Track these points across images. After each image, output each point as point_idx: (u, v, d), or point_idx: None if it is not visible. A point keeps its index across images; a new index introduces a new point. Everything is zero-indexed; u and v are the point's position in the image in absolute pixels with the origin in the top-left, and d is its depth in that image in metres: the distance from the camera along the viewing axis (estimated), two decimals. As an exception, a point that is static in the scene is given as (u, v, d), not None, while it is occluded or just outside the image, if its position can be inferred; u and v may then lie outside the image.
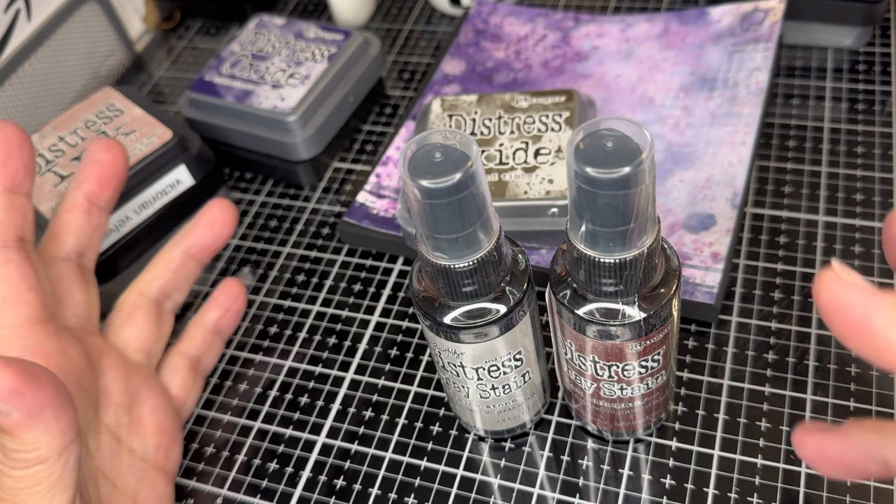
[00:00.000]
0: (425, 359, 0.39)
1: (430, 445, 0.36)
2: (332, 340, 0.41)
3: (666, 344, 0.29)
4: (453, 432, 0.36)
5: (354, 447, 0.36)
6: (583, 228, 0.25)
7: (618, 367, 0.29)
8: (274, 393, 0.39)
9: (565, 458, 0.34)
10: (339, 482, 0.35)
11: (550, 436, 0.35)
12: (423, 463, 0.35)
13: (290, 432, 0.37)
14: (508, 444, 0.35)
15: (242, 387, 0.39)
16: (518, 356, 0.30)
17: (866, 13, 0.46)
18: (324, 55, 0.48)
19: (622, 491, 0.33)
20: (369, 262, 0.44)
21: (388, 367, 0.39)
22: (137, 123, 0.44)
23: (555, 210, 0.38)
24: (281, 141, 0.47)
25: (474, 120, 0.42)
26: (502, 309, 0.28)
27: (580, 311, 0.27)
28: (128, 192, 0.42)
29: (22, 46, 0.51)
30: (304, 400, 0.38)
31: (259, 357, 0.41)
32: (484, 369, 0.30)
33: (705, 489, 0.33)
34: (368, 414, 0.37)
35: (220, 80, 0.48)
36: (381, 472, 0.35)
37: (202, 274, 0.45)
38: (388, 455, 0.36)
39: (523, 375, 0.32)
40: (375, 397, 0.38)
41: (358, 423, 0.37)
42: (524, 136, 0.41)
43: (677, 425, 0.35)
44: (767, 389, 0.35)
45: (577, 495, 0.33)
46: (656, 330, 0.28)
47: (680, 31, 0.49)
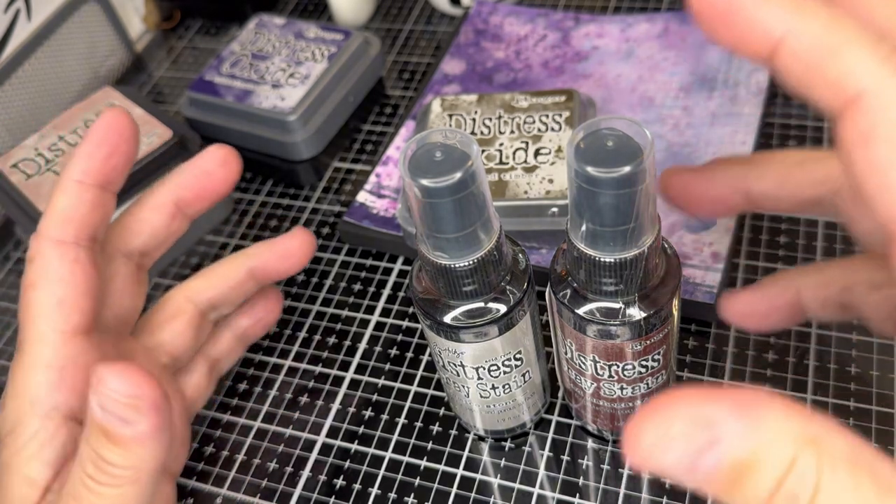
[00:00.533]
0: (425, 358, 0.39)
1: (429, 445, 0.36)
2: (332, 340, 0.41)
3: (666, 344, 0.29)
4: (453, 432, 0.36)
5: (354, 447, 0.36)
6: (583, 228, 0.25)
7: (618, 366, 0.29)
8: (274, 392, 0.39)
9: (565, 457, 0.34)
10: (339, 482, 0.35)
11: (550, 435, 0.35)
12: (423, 462, 0.35)
13: (290, 432, 0.37)
14: (508, 444, 0.35)
15: (242, 386, 0.39)
16: (518, 356, 0.30)
17: (866, 13, 0.46)
18: (324, 55, 0.48)
19: (622, 491, 0.33)
20: (369, 262, 0.44)
21: (388, 366, 0.39)
22: (138, 123, 0.44)
23: (555, 210, 0.38)
24: (281, 141, 0.47)
25: (474, 120, 0.42)
26: (502, 308, 0.28)
27: (580, 311, 0.27)
28: (128, 192, 0.42)
29: (22, 46, 0.51)
30: (304, 399, 0.38)
31: (259, 356, 0.41)
32: (484, 369, 0.30)
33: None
34: (368, 414, 0.37)
35: (220, 80, 0.48)
36: (381, 472, 0.35)
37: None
38: (388, 455, 0.36)
39: (523, 375, 0.32)
40: (375, 397, 0.38)
41: (358, 422, 0.37)
42: (524, 135, 0.41)
43: (677, 425, 0.35)
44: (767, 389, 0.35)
45: (577, 495, 0.33)
46: (656, 329, 0.28)
47: (680, 31, 0.49)
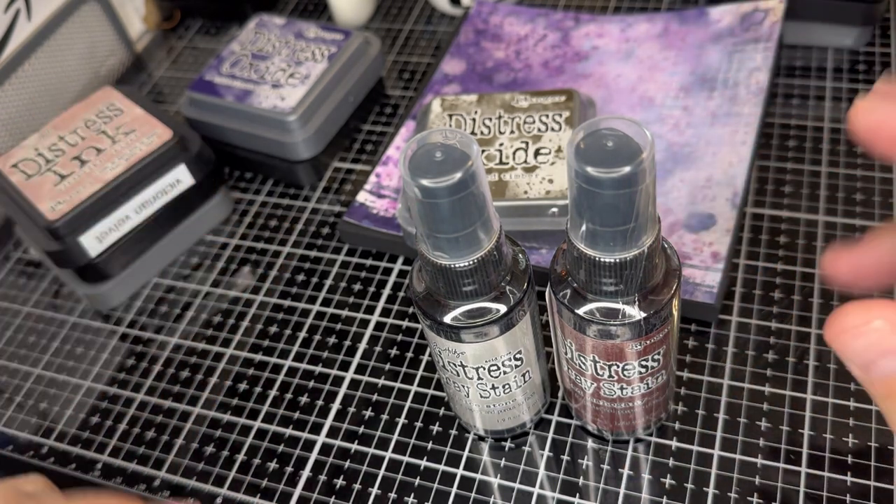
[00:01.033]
0: (425, 358, 0.39)
1: (429, 445, 0.36)
2: (332, 340, 0.41)
3: (666, 343, 0.29)
4: (453, 432, 0.36)
5: (354, 447, 0.36)
6: (583, 228, 0.25)
7: (618, 366, 0.29)
8: (274, 392, 0.39)
9: (565, 457, 0.34)
10: (339, 482, 0.35)
11: (550, 435, 0.35)
12: (423, 462, 0.35)
13: (290, 432, 0.37)
14: (508, 444, 0.35)
15: (242, 386, 0.39)
16: (518, 356, 0.30)
17: (866, 13, 0.46)
18: (324, 55, 0.48)
19: (622, 491, 0.33)
20: (369, 262, 0.44)
21: (388, 366, 0.39)
22: (137, 123, 0.44)
23: (555, 210, 0.38)
24: (281, 141, 0.47)
25: (474, 120, 0.42)
26: (502, 308, 0.28)
27: (580, 311, 0.27)
28: (127, 192, 0.42)
29: (22, 46, 0.51)
30: (304, 399, 0.38)
31: (259, 356, 0.41)
32: (484, 369, 0.30)
33: (705, 489, 0.33)
34: (368, 413, 0.37)
35: (220, 80, 0.48)
36: (381, 472, 0.35)
37: (203, 273, 0.45)
38: (388, 454, 0.36)
39: (523, 375, 0.32)
40: (375, 397, 0.38)
41: (358, 422, 0.37)
42: (524, 135, 0.41)
43: (677, 425, 0.35)
44: (767, 389, 0.35)
45: (577, 495, 0.33)
46: (656, 329, 0.28)
47: (680, 31, 0.49)
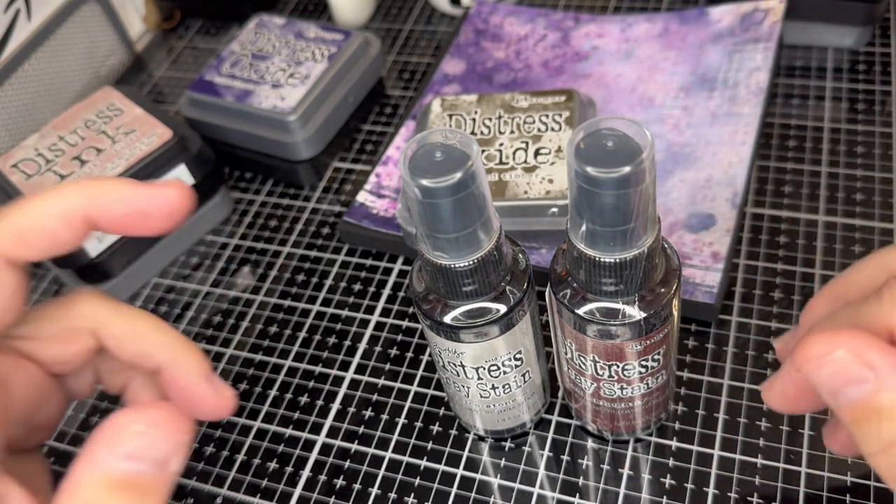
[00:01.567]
0: (425, 359, 0.39)
1: (429, 445, 0.36)
2: (332, 340, 0.41)
3: (666, 344, 0.29)
4: (453, 432, 0.36)
5: (354, 447, 0.36)
6: (583, 228, 0.25)
7: (618, 366, 0.29)
8: (274, 392, 0.39)
9: (565, 457, 0.34)
10: (339, 482, 0.35)
11: (550, 435, 0.35)
12: (423, 462, 0.35)
13: (290, 432, 0.37)
14: (508, 444, 0.35)
15: (242, 386, 0.39)
16: (518, 356, 0.30)
17: (866, 13, 0.46)
18: (324, 55, 0.48)
19: (622, 491, 0.33)
20: (369, 262, 0.44)
21: (388, 366, 0.39)
22: (137, 123, 0.44)
23: (555, 210, 0.38)
24: (281, 141, 0.47)
25: (474, 120, 0.42)
26: (502, 308, 0.28)
27: (580, 311, 0.27)
28: (128, 192, 0.42)
29: (22, 46, 0.51)
30: (304, 399, 0.38)
31: (259, 357, 0.41)
32: (484, 369, 0.30)
33: (705, 489, 0.33)
34: (368, 413, 0.37)
35: (220, 80, 0.48)
36: (381, 472, 0.35)
37: (203, 273, 0.45)
38: (388, 455, 0.36)
39: (523, 375, 0.32)
40: (375, 397, 0.38)
41: (358, 422, 0.37)
42: (524, 135, 0.41)
43: (677, 425, 0.35)
44: (767, 389, 0.35)
45: (577, 495, 0.33)
46: (656, 329, 0.28)
47: (680, 31, 0.49)
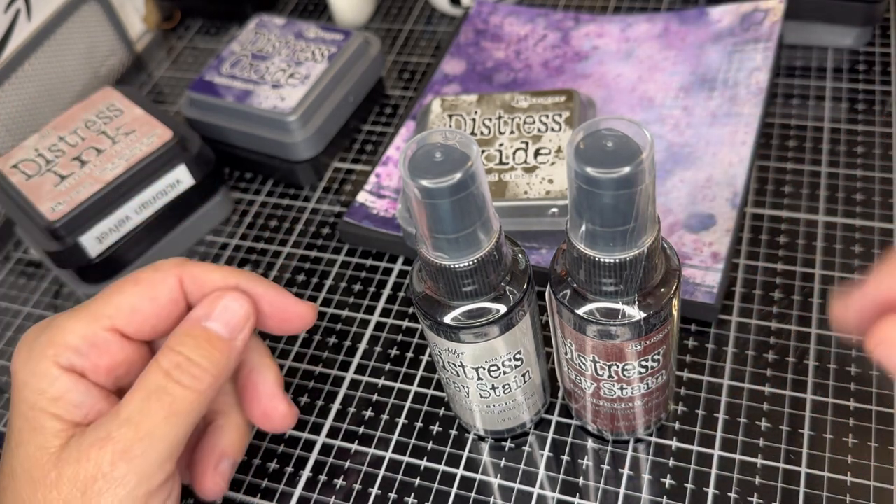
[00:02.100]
0: (425, 359, 0.39)
1: (430, 445, 0.36)
2: (332, 340, 0.41)
3: (666, 344, 0.29)
4: (453, 432, 0.36)
5: (354, 447, 0.36)
6: (583, 228, 0.25)
7: (618, 366, 0.29)
8: (274, 393, 0.39)
9: (565, 457, 0.34)
10: (340, 482, 0.35)
11: (550, 435, 0.35)
12: (423, 463, 0.35)
13: (290, 432, 0.37)
14: (508, 444, 0.35)
15: (242, 387, 0.39)
16: (518, 356, 0.30)
17: (866, 13, 0.46)
18: (324, 55, 0.48)
19: (622, 491, 0.33)
20: (369, 262, 0.44)
21: (388, 367, 0.39)
22: (137, 123, 0.44)
23: (555, 210, 0.38)
24: (281, 141, 0.47)
25: (474, 120, 0.42)
26: (502, 309, 0.28)
27: (580, 311, 0.27)
28: (128, 192, 0.42)
29: (22, 46, 0.51)
30: (304, 400, 0.38)
31: (259, 357, 0.41)
32: (484, 369, 0.30)
33: (705, 489, 0.33)
34: (368, 414, 0.37)
35: (220, 80, 0.48)
36: (381, 472, 0.35)
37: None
38: (388, 455, 0.36)
39: (523, 375, 0.32)
40: (375, 397, 0.38)
41: (358, 422, 0.37)
42: (524, 136, 0.41)
43: (677, 425, 0.35)
44: (767, 389, 0.35)
45: (577, 495, 0.33)
46: (656, 330, 0.28)
47: (680, 31, 0.49)
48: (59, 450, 0.28)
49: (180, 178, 0.44)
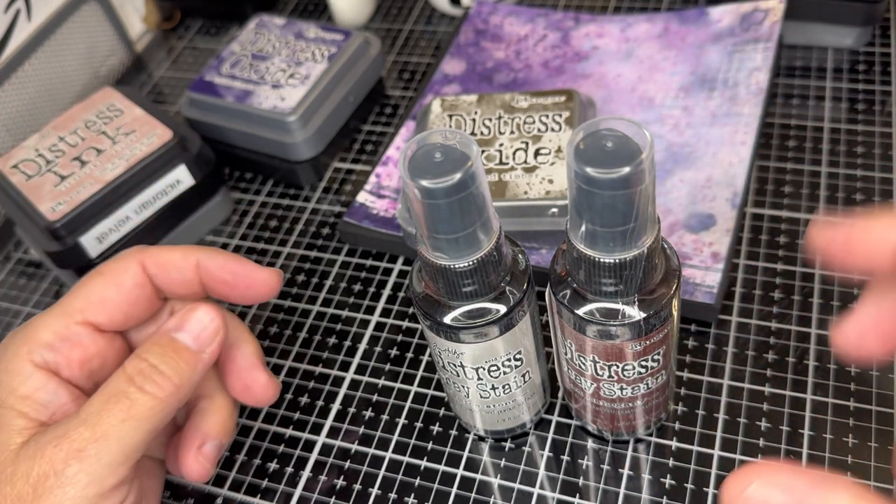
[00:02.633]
0: (425, 359, 0.39)
1: (430, 445, 0.36)
2: (332, 340, 0.41)
3: (666, 344, 0.29)
4: (453, 432, 0.36)
5: (354, 447, 0.36)
6: (583, 228, 0.25)
7: (618, 367, 0.29)
8: (274, 393, 0.39)
9: (565, 457, 0.34)
10: (339, 482, 0.35)
11: (550, 436, 0.35)
12: (423, 463, 0.35)
13: (290, 432, 0.37)
14: (508, 444, 0.35)
15: (242, 387, 0.39)
16: (518, 356, 0.30)
17: (866, 13, 0.46)
18: (324, 55, 0.48)
19: (622, 491, 0.33)
20: (369, 262, 0.44)
21: (388, 367, 0.39)
22: (137, 123, 0.44)
23: (555, 210, 0.38)
24: (281, 141, 0.47)
25: (474, 120, 0.42)
26: (502, 309, 0.28)
27: (580, 311, 0.27)
28: (128, 192, 0.42)
29: (22, 46, 0.51)
30: (304, 400, 0.38)
31: (259, 357, 0.41)
32: (484, 369, 0.30)
33: (705, 489, 0.33)
34: (368, 414, 0.37)
35: (220, 80, 0.48)
36: (381, 472, 0.35)
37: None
38: (389, 455, 0.36)
39: (523, 375, 0.32)
40: (375, 397, 0.38)
41: (358, 423, 0.37)
42: (524, 136, 0.41)
43: (677, 425, 0.35)
44: (767, 389, 0.35)
45: (577, 495, 0.33)
46: (656, 330, 0.28)
47: (680, 31, 0.49)
48: (19, 447, 0.28)
49: (180, 179, 0.44)
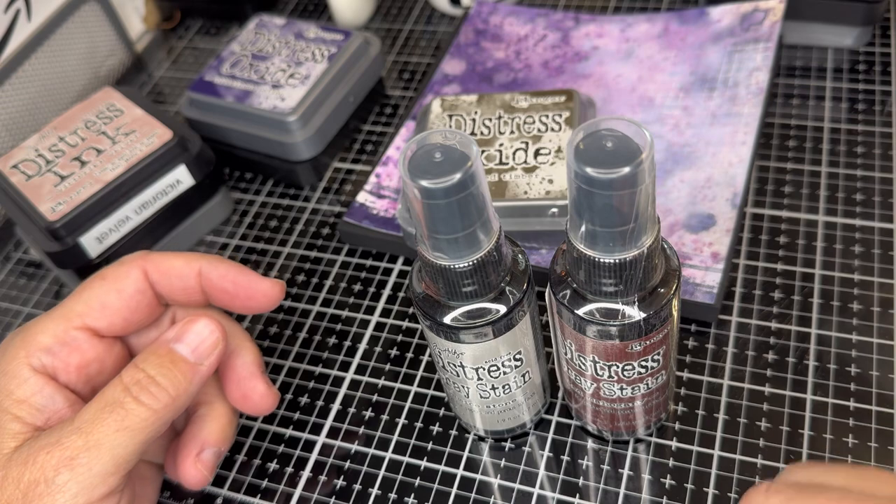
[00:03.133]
0: (425, 359, 0.39)
1: (430, 445, 0.36)
2: (332, 340, 0.41)
3: (666, 344, 0.29)
4: (453, 432, 0.36)
5: (354, 447, 0.36)
6: (583, 228, 0.25)
7: (618, 367, 0.29)
8: (274, 393, 0.39)
9: (565, 458, 0.34)
10: (340, 482, 0.35)
11: (550, 436, 0.35)
12: (423, 463, 0.35)
13: (290, 432, 0.37)
14: (508, 444, 0.35)
15: (242, 387, 0.39)
16: (518, 356, 0.30)
17: (866, 13, 0.46)
18: (324, 55, 0.48)
19: (622, 491, 0.33)
20: (369, 262, 0.44)
21: (388, 367, 0.39)
22: (137, 123, 0.44)
23: (555, 210, 0.38)
24: (281, 141, 0.47)
25: (474, 120, 0.42)
26: (502, 309, 0.28)
27: (580, 311, 0.27)
28: (128, 192, 0.42)
29: (22, 46, 0.51)
30: (304, 400, 0.38)
31: (259, 357, 0.41)
32: (484, 369, 0.30)
33: (705, 489, 0.33)
34: (368, 414, 0.37)
35: (220, 80, 0.48)
36: (382, 472, 0.35)
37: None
38: (388, 455, 0.36)
39: (523, 375, 0.32)
40: (375, 397, 0.38)
41: (358, 423, 0.37)
42: (524, 136, 0.41)
43: (677, 425, 0.35)
44: (767, 389, 0.35)
45: (577, 495, 0.33)
46: (656, 330, 0.28)
47: (680, 31, 0.49)
48: (11, 451, 0.28)
49: (180, 179, 0.44)
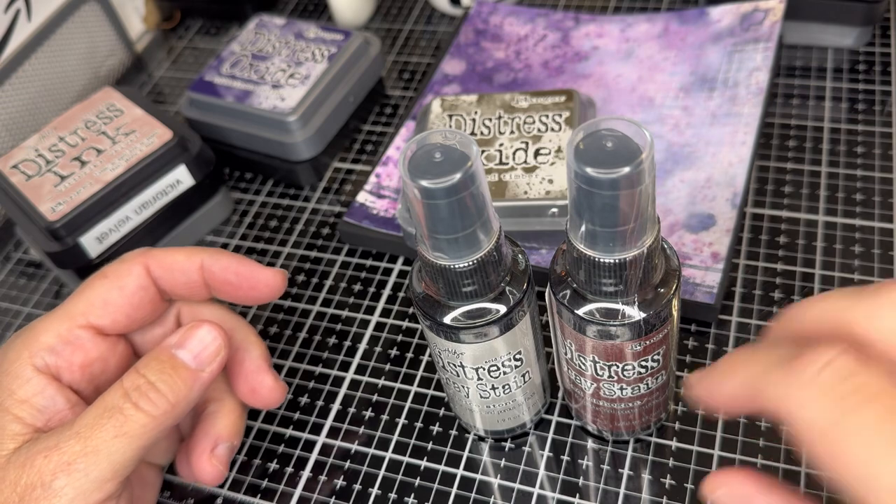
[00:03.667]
0: (425, 359, 0.39)
1: (430, 445, 0.36)
2: (332, 340, 0.41)
3: (666, 344, 0.29)
4: (453, 432, 0.36)
5: (354, 447, 0.36)
6: (583, 228, 0.25)
7: (618, 367, 0.29)
8: (274, 393, 0.39)
9: (565, 458, 0.34)
10: (340, 482, 0.35)
11: (550, 436, 0.35)
12: (423, 463, 0.35)
13: (290, 432, 0.37)
14: (508, 444, 0.35)
15: (242, 387, 0.39)
16: (518, 356, 0.30)
17: (866, 13, 0.46)
18: (324, 55, 0.48)
19: (622, 491, 0.33)
20: (369, 262, 0.44)
21: (388, 367, 0.39)
22: (137, 123, 0.44)
23: (555, 210, 0.38)
24: (281, 141, 0.47)
25: (474, 120, 0.42)
26: (502, 309, 0.28)
27: (580, 311, 0.27)
28: (128, 192, 0.42)
29: (22, 46, 0.51)
30: (304, 400, 0.38)
31: (259, 357, 0.41)
32: (484, 369, 0.30)
33: (705, 489, 0.33)
34: (368, 414, 0.37)
35: (220, 80, 0.48)
36: (382, 472, 0.35)
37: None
38: (389, 455, 0.36)
39: (523, 375, 0.32)
40: (375, 397, 0.38)
41: (358, 423, 0.37)
42: (524, 136, 0.41)
43: (677, 425, 0.35)
44: (767, 389, 0.35)
45: (577, 495, 0.33)
46: (656, 330, 0.28)
47: (680, 31, 0.49)
48: (10, 453, 0.28)
49: (180, 179, 0.44)
